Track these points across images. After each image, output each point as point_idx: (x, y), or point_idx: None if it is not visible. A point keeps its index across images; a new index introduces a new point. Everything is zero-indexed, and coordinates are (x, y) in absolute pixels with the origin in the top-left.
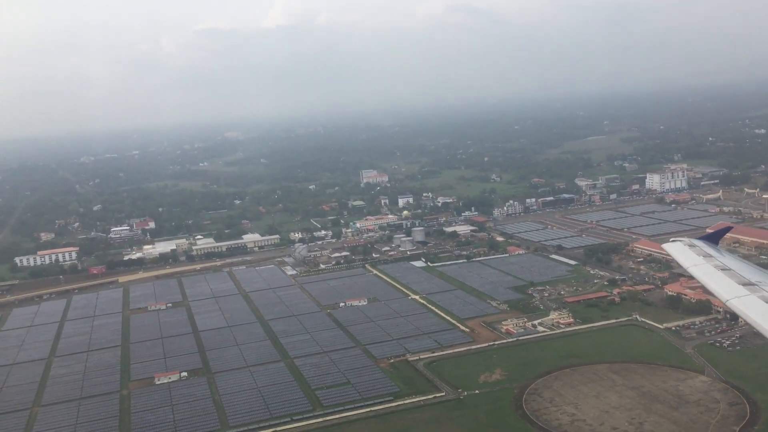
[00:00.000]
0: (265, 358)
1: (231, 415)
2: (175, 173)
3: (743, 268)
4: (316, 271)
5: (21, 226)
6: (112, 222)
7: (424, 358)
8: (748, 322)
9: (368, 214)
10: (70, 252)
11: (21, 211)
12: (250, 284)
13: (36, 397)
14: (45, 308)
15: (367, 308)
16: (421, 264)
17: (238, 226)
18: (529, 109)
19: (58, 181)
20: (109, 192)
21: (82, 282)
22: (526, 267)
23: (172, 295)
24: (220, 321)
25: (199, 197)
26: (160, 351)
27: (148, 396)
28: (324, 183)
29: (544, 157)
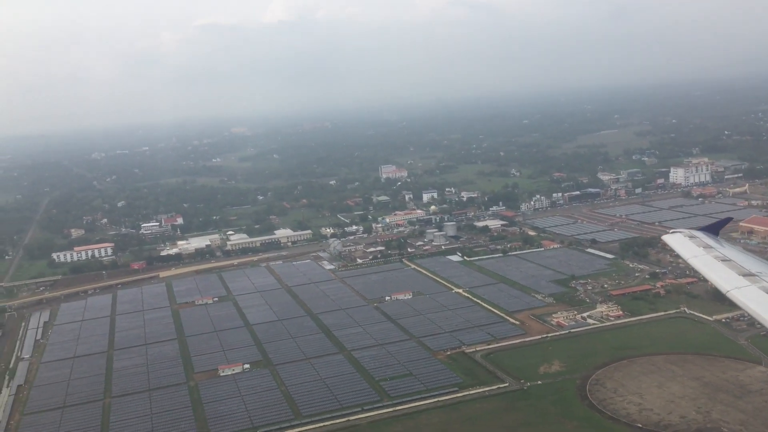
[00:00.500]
0: (323, 350)
1: (302, 406)
2: (190, 169)
3: (744, 258)
4: (355, 266)
5: (49, 223)
6: (137, 218)
7: (481, 350)
8: (749, 313)
9: (393, 209)
10: (105, 248)
11: (45, 208)
12: (290, 279)
13: (105, 389)
14: (92, 303)
15: (413, 302)
16: (458, 258)
17: (267, 221)
18: (535, 104)
19: (74, 177)
20: (129, 188)
21: (124, 277)
22: (563, 261)
23: (216, 290)
24: (270, 315)
25: (221, 193)
26: (217, 344)
27: (215, 387)
28: (344, 178)
29: (560, 151)
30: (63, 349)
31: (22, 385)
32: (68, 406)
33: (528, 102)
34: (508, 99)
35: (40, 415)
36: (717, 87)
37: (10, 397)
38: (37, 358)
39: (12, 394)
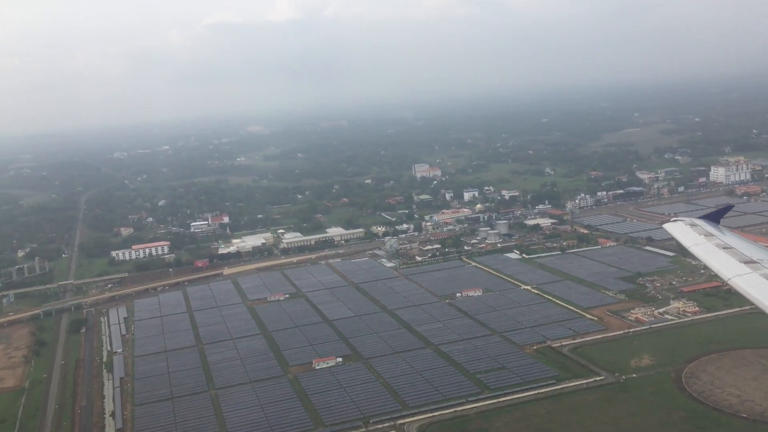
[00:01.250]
0: (409, 345)
1: (406, 397)
2: (219, 168)
3: (745, 246)
4: (415, 264)
5: (96, 222)
6: (181, 217)
7: (567, 345)
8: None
9: (436, 208)
10: (162, 246)
11: (86, 207)
12: (354, 276)
13: (207, 381)
14: (164, 299)
15: (485, 298)
16: (516, 256)
17: (313, 220)
18: (547, 102)
19: (104, 176)
20: (164, 187)
21: (189, 275)
22: (624, 258)
23: (284, 287)
24: (345, 311)
25: (258, 192)
26: (302, 339)
27: (315, 379)
28: (378, 177)
29: (588, 150)
30: (152, 344)
31: (124, 377)
32: (176, 397)
33: (539, 100)
34: (518, 97)
35: (151, 406)
36: (730, 85)
37: (116, 389)
38: (129, 352)
39: (117, 386)
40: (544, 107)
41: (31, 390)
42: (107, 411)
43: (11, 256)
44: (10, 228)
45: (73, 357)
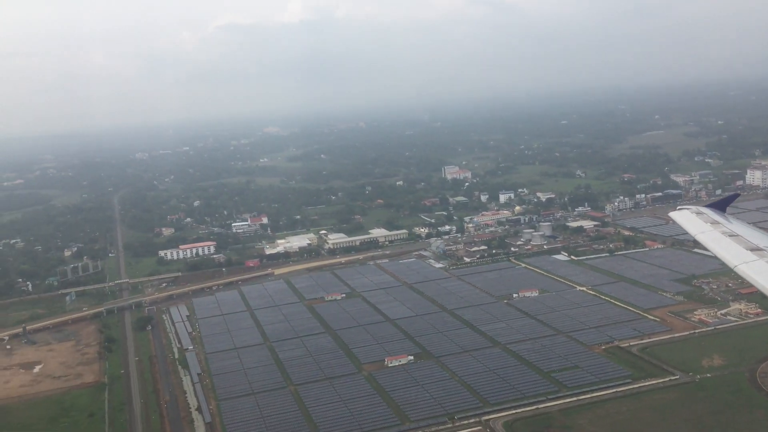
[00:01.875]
0: (477, 344)
1: (485, 394)
2: (244, 169)
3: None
4: (464, 265)
5: (135, 222)
6: (219, 218)
7: (634, 345)
8: (757, 288)
9: (472, 209)
10: (208, 246)
11: (120, 207)
12: (406, 276)
13: (283, 378)
14: (221, 298)
15: (542, 299)
16: (564, 258)
17: (353, 221)
18: (564, 104)
19: (130, 177)
20: (195, 188)
21: (242, 274)
22: (674, 260)
23: (338, 287)
24: (405, 310)
25: (291, 193)
26: (368, 337)
27: (391, 377)
28: (407, 179)
29: (615, 152)
30: (220, 341)
31: (201, 374)
32: (257, 392)
33: (554, 102)
34: (532, 99)
35: (235, 401)
36: (748, 87)
37: (195, 384)
38: (199, 349)
39: (196, 382)
40: (561, 109)
41: (111, 385)
42: (192, 405)
43: (57, 255)
44: (50, 228)
45: (144, 354)
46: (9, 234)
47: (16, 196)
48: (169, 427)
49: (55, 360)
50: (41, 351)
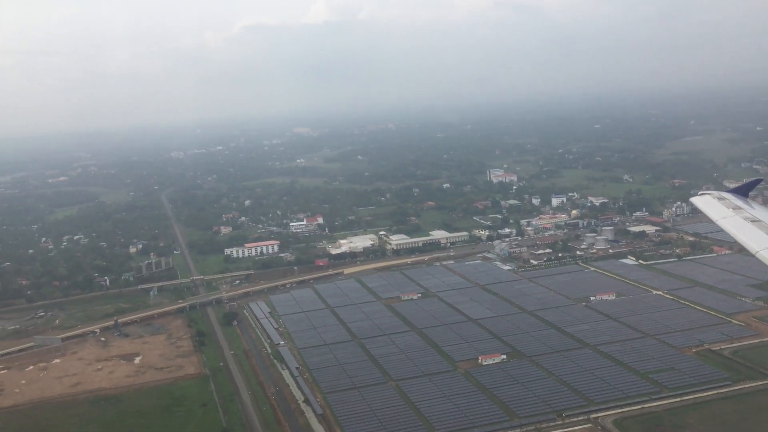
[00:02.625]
0: (565, 344)
1: (587, 393)
2: (283, 169)
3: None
4: (532, 267)
5: (190, 220)
6: (272, 217)
7: (725, 348)
8: None
9: (526, 213)
10: (272, 245)
11: (172, 206)
12: (476, 277)
13: (381, 373)
14: (297, 295)
15: (620, 302)
16: (632, 262)
17: (408, 222)
18: (592, 107)
19: (173, 176)
20: (239, 188)
21: (312, 273)
22: (745, 266)
23: (410, 287)
24: (485, 311)
25: (339, 194)
26: (454, 336)
27: (488, 374)
28: (453, 181)
29: (659, 157)
30: (309, 337)
31: (299, 368)
32: (359, 387)
33: (582, 106)
34: (558, 102)
35: (341, 394)
36: None
37: (297, 378)
38: (291, 344)
39: (297, 375)
40: (590, 113)
41: (214, 377)
42: (298, 398)
43: (123, 252)
44: (108, 224)
45: (237, 348)
46: (68, 230)
47: (64, 193)
48: (282, 418)
49: (152, 352)
50: (136, 343)
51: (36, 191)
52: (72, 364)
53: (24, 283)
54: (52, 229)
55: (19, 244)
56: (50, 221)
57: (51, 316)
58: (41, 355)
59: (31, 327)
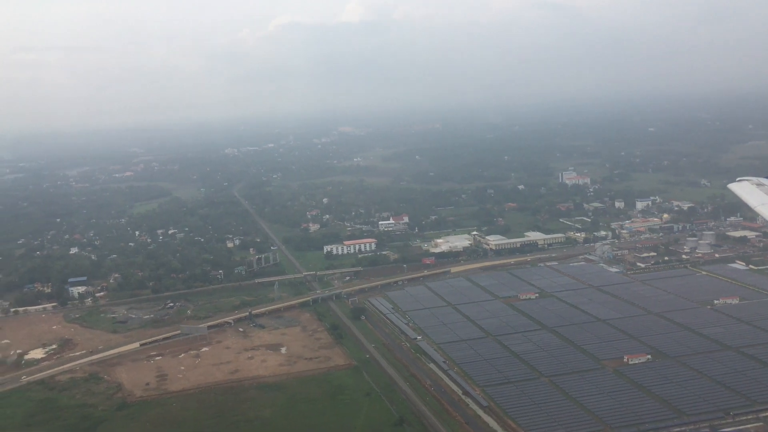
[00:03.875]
0: (706, 346)
1: (747, 393)
2: (344, 168)
3: None
4: (641, 270)
5: (275, 217)
6: (355, 216)
7: None
8: None
9: (613, 215)
10: (369, 243)
11: (249, 202)
12: (587, 279)
13: (529, 369)
14: (413, 292)
15: (746, 306)
16: (742, 266)
17: (495, 223)
18: (639, 110)
19: (237, 172)
20: (309, 186)
21: (420, 271)
22: None
23: (523, 286)
24: (609, 311)
25: (414, 193)
26: (589, 335)
27: (637, 373)
28: (525, 183)
29: (730, 162)
30: (443, 333)
31: (445, 361)
32: (513, 381)
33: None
34: (598, 104)
35: (498, 388)
36: None
37: (447, 371)
38: (427, 339)
39: (447, 369)
40: (638, 116)
41: (363, 368)
42: (456, 390)
43: (220, 246)
44: (194, 220)
45: (374, 341)
46: (156, 224)
47: (137, 188)
48: (450, 408)
49: (294, 343)
50: (274, 335)
51: (108, 186)
52: (221, 352)
53: (140, 274)
54: (140, 223)
55: (117, 238)
56: (135, 215)
57: (181, 307)
58: (189, 344)
59: (167, 317)
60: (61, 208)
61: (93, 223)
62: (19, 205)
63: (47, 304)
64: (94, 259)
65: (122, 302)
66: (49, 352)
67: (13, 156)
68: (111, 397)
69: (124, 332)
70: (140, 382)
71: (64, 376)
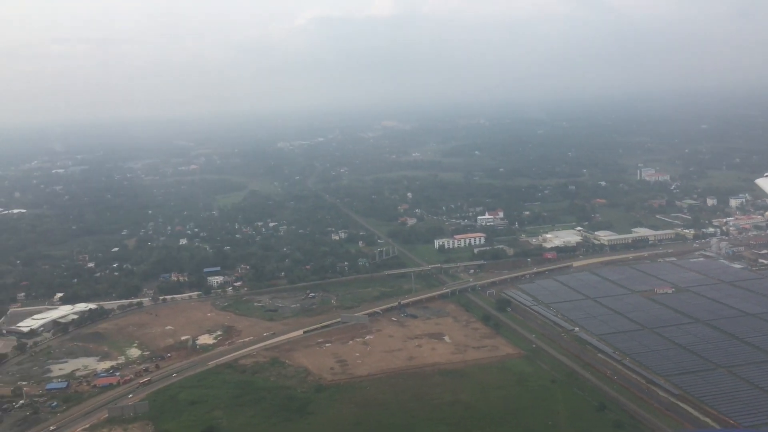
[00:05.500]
0: None
1: None
2: (407, 163)
3: None
4: (765, 266)
5: (366, 210)
6: (444, 210)
7: None
8: None
9: (710, 212)
10: (478, 237)
11: (330, 196)
12: (714, 274)
13: (703, 360)
14: (545, 285)
15: None
16: None
17: (591, 218)
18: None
19: (302, 166)
20: (384, 180)
21: (544, 265)
22: None
23: (653, 281)
24: (754, 306)
25: (498, 190)
26: (747, 329)
27: None
28: (602, 179)
29: None
30: (597, 325)
31: (615, 352)
32: (693, 371)
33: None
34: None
35: (681, 377)
36: None
37: (622, 361)
38: (583, 331)
39: (620, 360)
40: (683, 112)
41: (535, 357)
42: (638, 380)
43: (326, 240)
44: (287, 213)
45: (532, 331)
46: (252, 217)
47: (209, 181)
48: (642, 396)
49: (454, 333)
50: (429, 324)
51: (177, 178)
52: (386, 340)
53: (269, 265)
54: (233, 215)
55: (220, 229)
56: (225, 208)
57: (323, 297)
58: (350, 331)
59: (314, 306)
60: (146, 201)
61: (186, 216)
62: (104, 197)
63: (191, 293)
64: (209, 251)
65: (261, 292)
66: (217, 338)
67: (65, 148)
68: (304, 380)
69: (279, 320)
70: (323, 366)
71: (246, 361)
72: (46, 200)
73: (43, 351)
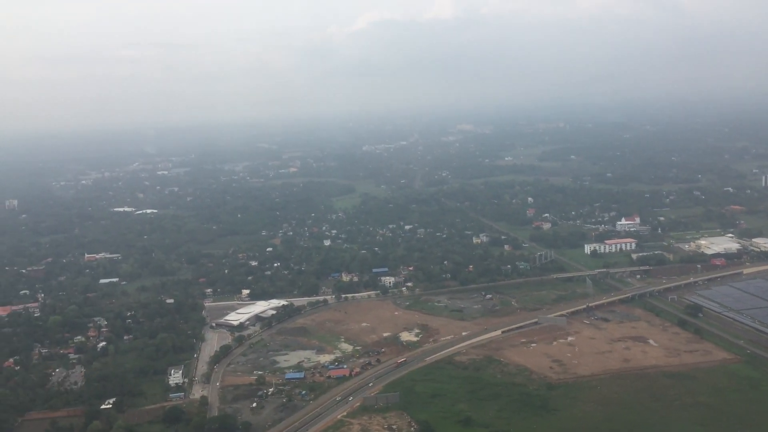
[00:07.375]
0: None
1: None
2: (505, 167)
3: None
4: None
5: (493, 214)
6: (575, 215)
7: None
8: None
9: None
10: (629, 242)
11: (455, 200)
12: None
13: None
14: (724, 292)
15: None
16: None
17: (737, 225)
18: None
19: (402, 170)
20: (493, 184)
21: (709, 272)
22: None
23: None
24: None
25: (619, 195)
26: None
27: None
28: (731, 186)
29: None
30: None
31: None
32: None
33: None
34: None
35: None
36: None
37: None
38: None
39: None
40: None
41: (754, 362)
42: None
43: (466, 243)
44: (415, 216)
45: (734, 336)
46: (382, 220)
47: (317, 184)
48: None
49: (657, 336)
50: (624, 327)
51: (280, 181)
52: (588, 342)
53: (434, 267)
54: (360, 218)
55: (356, 231)
56: (347, 210)
57: (502, 299)
58: (549, 333)
59: (497, 308)
60: (267, 202)
61: (315, 217)
62: (224, 199)
63: (367, 292)
64: (360, 252)
65: (435, 292)
66: (418, 336)
67: (156, 150)
68: (529, 378)
69: (470, 320)
70: (542, 365)
71: (461, 358)
72: (171, 201)
73: (259, 343)
